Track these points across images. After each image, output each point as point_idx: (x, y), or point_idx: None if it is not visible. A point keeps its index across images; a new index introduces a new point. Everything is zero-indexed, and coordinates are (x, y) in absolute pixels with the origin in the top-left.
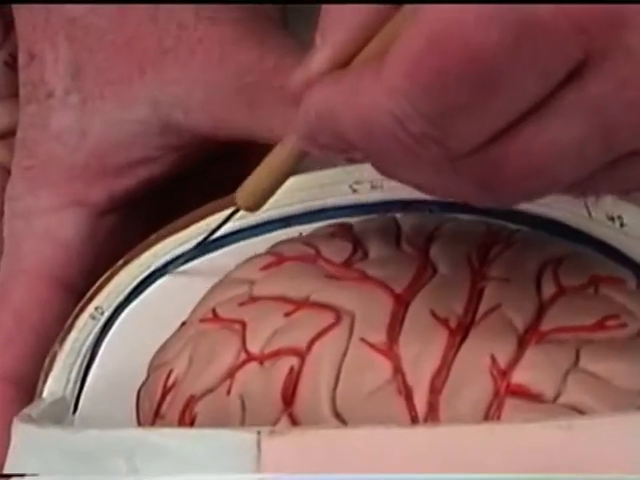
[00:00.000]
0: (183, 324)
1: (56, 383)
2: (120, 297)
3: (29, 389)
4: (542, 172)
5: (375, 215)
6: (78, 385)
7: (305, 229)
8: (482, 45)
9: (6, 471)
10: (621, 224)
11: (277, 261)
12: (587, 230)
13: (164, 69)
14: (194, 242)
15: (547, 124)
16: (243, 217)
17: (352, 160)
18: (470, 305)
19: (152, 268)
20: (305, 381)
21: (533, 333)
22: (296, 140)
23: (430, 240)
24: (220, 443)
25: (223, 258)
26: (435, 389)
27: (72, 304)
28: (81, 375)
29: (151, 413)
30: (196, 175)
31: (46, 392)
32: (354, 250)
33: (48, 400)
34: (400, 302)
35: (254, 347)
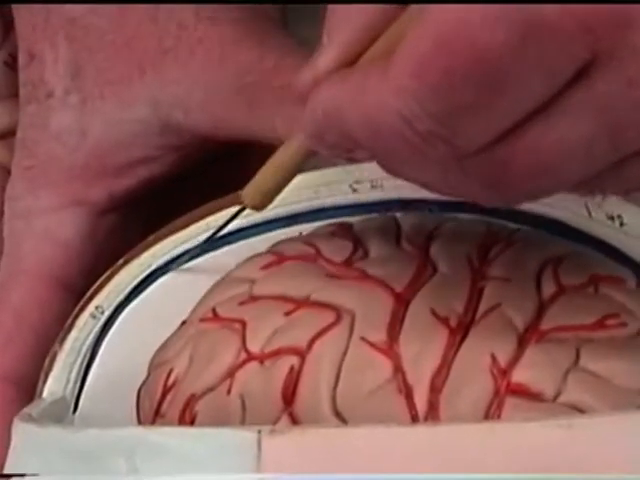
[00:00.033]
0: (183, 323)
1: (56, 383)
2: (120, 296)
3: (29, 389)
4: (549, 171)
5: (375, 214)
6: (78, 384)
7: (305, 228)
8: (488, 45)
9: (6, 470)
10: (621, 223)
11: (277, 260)
12: (587, 229)
13: (164, 69)
14: (194, 242)
15: (554, 123)
16: (243, 216)
17: (355, 159)
18: (470, 304)
19: (152, 267)
20: (305, 380)
21: (533, 332)
22: (303, 139)
23: (430, 239)
24: (220, 442)
25: (223, 257)
26: (435, 388)
27: (72, 304)
28: (81, 374)
29: (151, 412)
30: (196, 175)
31: (46, 392)
32: (354, 249)
33: (48, 400)
34: (400, 301)
35: (254, 346)
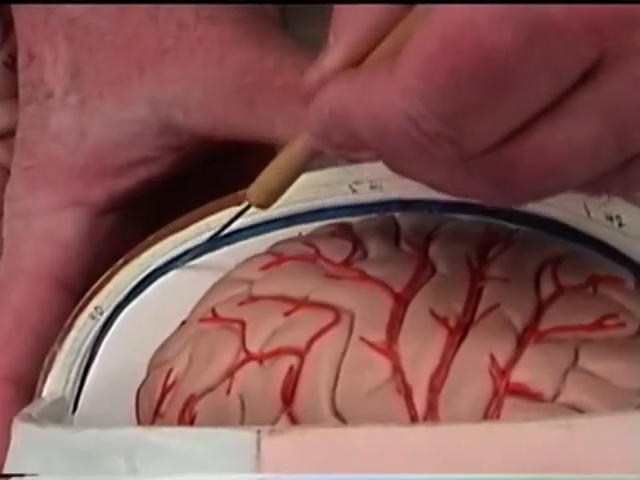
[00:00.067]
0: (183, 323)
1: (56, 383)
2: (120, 297)
3: (29, 389)
4: (556, 171)
5: (374, 215)
6: (78, 385)
7: (305, 229)
8: (495, 45)
9: (6, 470)
10: (620, 224)
11: (277, 261)
12: (586, 230)
13: (164, 69)
14: (193, 242)
15: (561, 124)
16: (242, 216)
17: (360, 159)
18: (469, 304)
19: (152, 268)
20: (305, 380)
21: (532, 332)
22: (308, 138)
23: (429, 240)
24: (220, 442)
25: (222, 257)
26: (434, 388)
27: (71, 304)
28: (81, 375)
29: (151, 412)
30: (195, 175)
31: (46, 392)
32: (354, 249)
33: (48, 400)
34: (399, 301)
35: (254, 346)
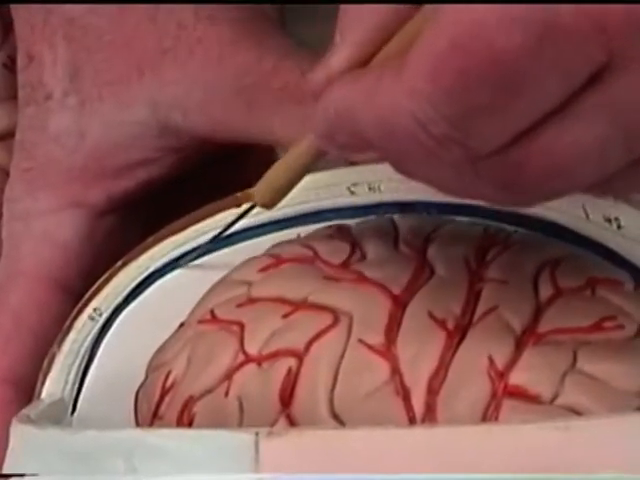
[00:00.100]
0: (181, 325)
1: (55, 384)
2: (119, 298)
3: (28, 390)
4: (564, 173)
5: (373, 217)
6: (77, 386)
7: (303, 230)
8: (505, 47)
9: (5, 472)
10: (618, 226)
11: (275, 262)
12: (584, 232)
13: (163, 70)
14: (192, 244)
15: (569, 125)
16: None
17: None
18: (468, 306)
19: (150, 269)
20: (303, 382)
21: (530, 334)
22: (313, 138)
23: (428, 242)
24: (218, 444)
25: (221, 260)
26: (433, 390)
27: (70, 305)
28: (79, 376)
29: (149, 414)
30: (194, 177)
31: (44, 393)
32: (352, 251)
33: (47, 401)
34: (398, 303)
35: (252, 348)
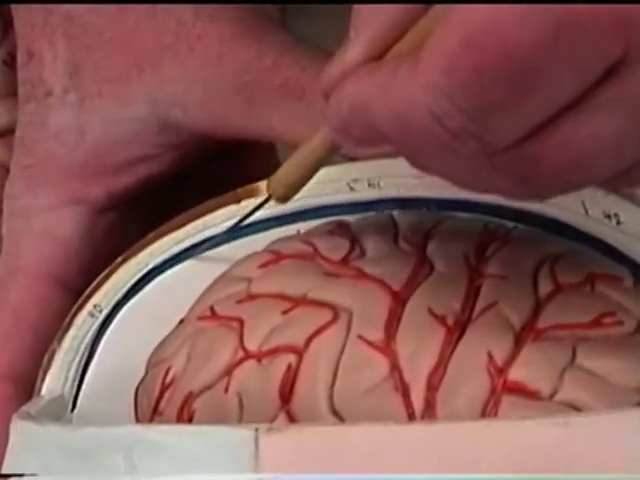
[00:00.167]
0: (181, 321)
1: (54, 381)
2: (118, 295)
3: (28, 387)
4: (579, 167)
5: (372, 213)
6: (76, 383)
7: (303, 227)
8: (520, 43)
9: (4, 468)
10: (618, 222)
11: (275, 259)
12: (584, 228)
13: (163, 67)
14: (192, 240)
15: (585, 119)
16: (240, 215)
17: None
18: (467, 302)
19: (150, 266)
20: (303, 378)
21: (530, 330)
22: (327, 132)
23: (427, 238)
24: (218, 440)
25: (221, 255)
26: (432, 386)
27: (70, 302)
28: (79, 373)
29: (149, 410)
30: (194, 173)
31: (44, 390)
32: (352, 248)
33: (46, 398)
34: (397, 299)
35: (252, 345)
